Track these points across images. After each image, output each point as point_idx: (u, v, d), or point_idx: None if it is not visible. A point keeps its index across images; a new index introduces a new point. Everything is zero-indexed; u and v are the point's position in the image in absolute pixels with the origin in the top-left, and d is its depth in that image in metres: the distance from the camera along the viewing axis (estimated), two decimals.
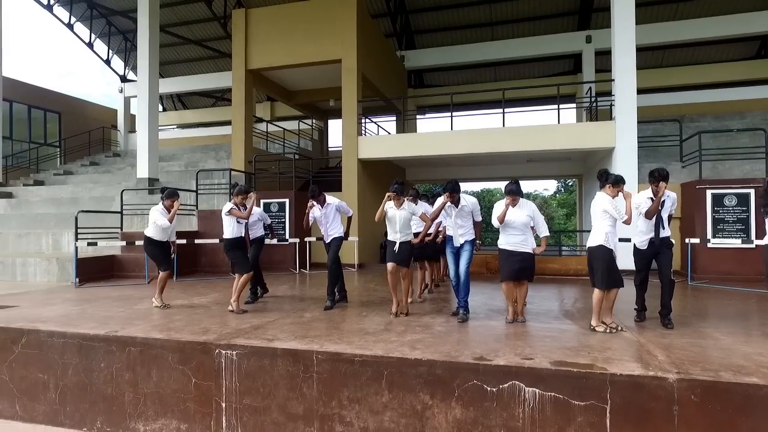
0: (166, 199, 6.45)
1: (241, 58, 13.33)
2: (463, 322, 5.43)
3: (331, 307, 6.29)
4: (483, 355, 4.10)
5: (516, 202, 5.32)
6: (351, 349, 4.32)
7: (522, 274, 5.36)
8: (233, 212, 5.99)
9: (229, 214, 5.99)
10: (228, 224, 6.04)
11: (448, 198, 5.53)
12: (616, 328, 4.90)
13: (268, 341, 4.62)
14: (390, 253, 5.73)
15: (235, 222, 6.05)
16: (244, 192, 6.05)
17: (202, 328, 5.21)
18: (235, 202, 6.04)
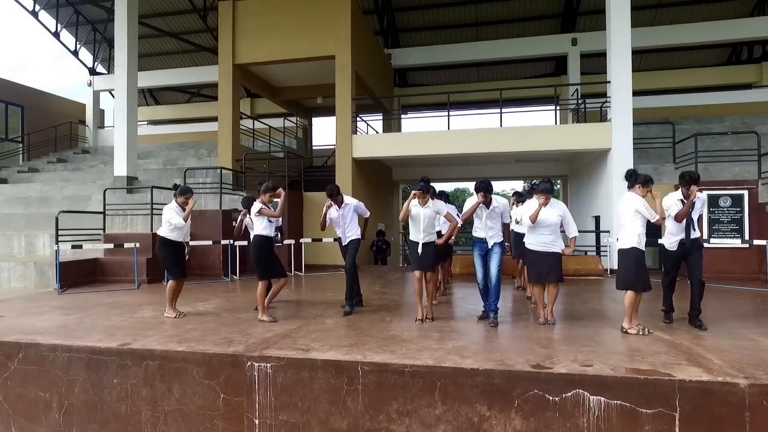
0: (180, 195, 6.00)
1: (228, 52, 12.79)
2: (495, 326, 5.26)
3: (350, 312, 6.02)
4: (539, 363, 3.93)
5: (548, 201, 5.19)
6: (398, 359, 4.07)
7: (552, 275, 5.24)
8: (264, 212, 5.59)
9: (259, 214, 5.59)
10: (259, 225, 5.65)
11: (481, 198, 5.35)
12: (644, 330, 4.84)
13: (303, 352, 4.31)
14: (414, 257, 5.48)
15: (267, 222, 5.67)
16: (272, 189, 5.68)
17: (223, 338, 4.84)
18: (262, 200, 5.64)
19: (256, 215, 5.60)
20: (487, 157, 13.37)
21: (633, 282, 4.83)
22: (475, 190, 5.42)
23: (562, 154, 13.95)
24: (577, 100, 13.81)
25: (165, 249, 6.00)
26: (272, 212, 5.61)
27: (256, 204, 5.63)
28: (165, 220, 5.95)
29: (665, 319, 5.51)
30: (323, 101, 15.71)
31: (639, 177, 5.00)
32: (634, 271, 4.81)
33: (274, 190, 5.70)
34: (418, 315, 5.45)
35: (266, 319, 5.56)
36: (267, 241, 5.68)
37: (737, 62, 18.57)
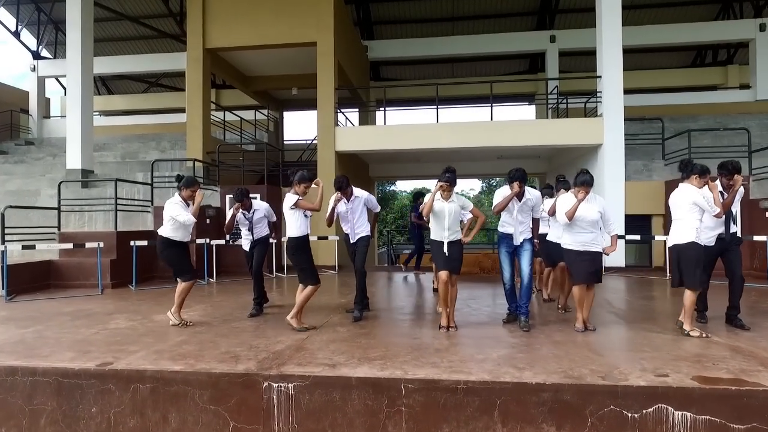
0: (185, 188, 5.14)
1: (197, 35, 11.76)
2: (527, 330, 4.77)
3: (360, 318, 5.38)
4: (607, 373, 3.45)
5: (587, 194, 4.75)
6: (446, 373, 3.48)
7: (592, 276, 4.81)
8: (301, 204, 4.81)
9: (296, 207, 4.80)
10: (294, 220, 4.86)
11: (518, 188, 4.83)
12: (706, 333, 4.49)
13: (330, 368, 3.64)
14: (440, 257, 4.85)
15: (303, 216, 4.90)
16: (308, 179, 4.90)
17: (225, 352, 4.09)
18: (297, 191, 4.86)
19: (292, 208, 4.82)
20: (470, 152, 13.00)
21: (694, 280, 4.45)
22: (510, 179, 4.90)
23: (546, 150, 13.80)
24: (557, 97, 13.70)
25: (171, 250, 5.14)
26: (311, 205, 4.84)
27: (290, 196, 4.83)
28: (168, 217, 5.07)
29: (700, 318, 5.20)
30: (299, 92, 14.87)
31: (696, 167, 4.64)
32: (694, 268, 4.44)
33: (311, 180, 4.95)
34: (443, 322, 4.86)
35: (297, 327, 4.85)
36: (307, 240, 4.93)
37: (702, 65, 19.18)
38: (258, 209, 5.87)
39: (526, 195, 4.97)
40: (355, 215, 5.58)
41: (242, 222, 5.84)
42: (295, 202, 4.77)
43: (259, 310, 5.76)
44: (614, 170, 10.49)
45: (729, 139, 12.15)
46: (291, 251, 4.87)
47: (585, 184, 4.72)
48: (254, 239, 5.88)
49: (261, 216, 5.89)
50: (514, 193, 4.85)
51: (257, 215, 5.85)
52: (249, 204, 5.79)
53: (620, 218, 10.32)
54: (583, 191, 4.70)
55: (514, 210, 4.97)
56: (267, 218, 6.00)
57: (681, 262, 4.57)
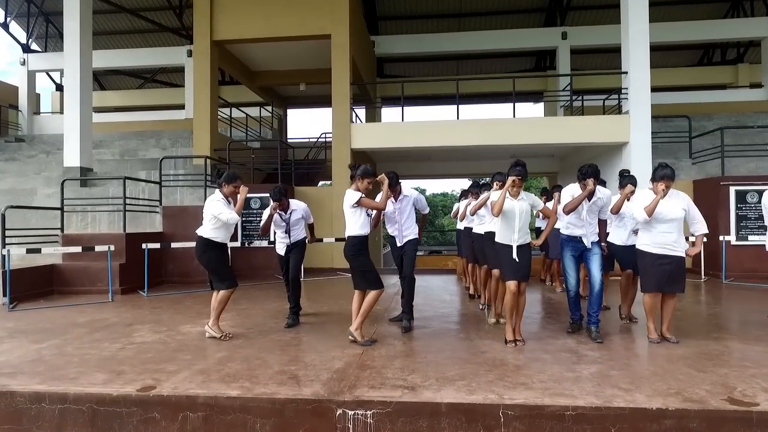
0: (227, 183, 4.64)
1: (205, 27, 11.19)
2: (600, 342, 4.35)
3: (410, 328, 4.93)
4: (731, 396, 3.04)
5: (669, 190, 4.35)
6: (548, 397, 3.04)
7: (674, 284, 4.39)
8: (364, 202, 4.31)
9: (358, 205, 4.32)
10: (356, 219, 4.38)
11: (592, 186, 4.42)
12: None
13: (410, 391, 3.18)
14: (509, 264, 4.35)
15: (365, 215, 4.42)
16: (372, 174, 4.42)
17: (280, 372, 3.60)
18: (358, 187, 4.38)
19: (353, 207, 4.33)
20: (483, 151, 12.62)
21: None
22: (582, 176, 4.48)
23: (562, 149, 13.45)
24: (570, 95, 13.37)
25: (212, 253, 4.63)
26: (375, 203, 4.35)
27: (352, 193, 4.34)
28: (210, 215, 4.57)
29: None
30: (306, 88, 14.35)
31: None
32: None
33: (374, 175, 4.47)
34: (508, 336, 4.37)
35: (361, 341, 4.35)
36: (367, 240, 4.46)
37: (709, 64, 19.04)
38: (296, 209, 5.37)
39: (597, 194, 4.56)
40: (403, 216, 5.12)
41: (278, 224, 5.33)
42: (358, 200, 4.29)
43: (295, 320, 5.27)
44: (641, 170, 10.11)
45: (750, 137, 11.91)
46: (351, 252, 4.38)
47: (666, 177, 4.31)
48: (291, 242, 5.38)
49: (299, 217, 5.39)
50: (588, 191, 4.43)
51: (295, 216, 5.35)
52: (287, 204, 5.29)
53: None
54: (663, 185, 4.30)
55: (583, 210, 4.56)
56: (305, 219, 5.50)
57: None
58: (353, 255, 4.38)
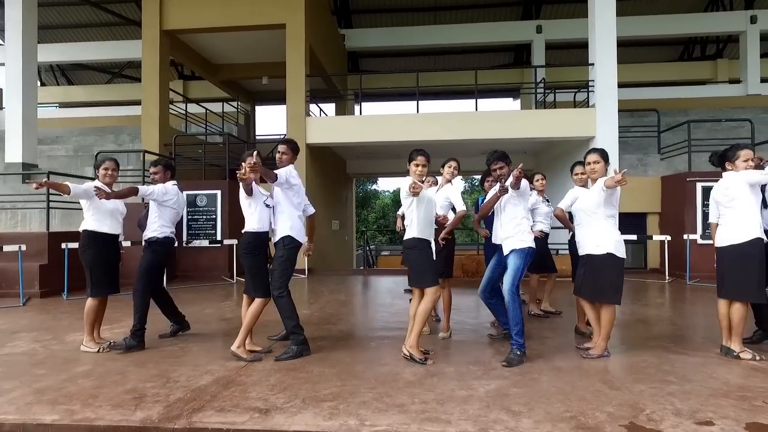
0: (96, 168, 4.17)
1: (154, 15, 10.65)
2: (505, 365, 3.69)
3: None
4: (632, 421, 2.57)
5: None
6: (417, 423, 2.56)
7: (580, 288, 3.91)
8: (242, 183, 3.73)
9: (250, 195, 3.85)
10: (251, 213, 3.94)
11: (505, 172, 3.86)
12: (759, 356, 3.64)
13: (261, 415, 2.69)
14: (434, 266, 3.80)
15: (263, 207, 3.92)
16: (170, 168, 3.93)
17: (129, 390, 3.11)
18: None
19: (246, 199, 3.86)
20: (452, 147, 12.12)
21: (756, 290, 3.58)
22: (488, 163, 4.01)
23: (534, 144, 13.00)
24: (544, 90, 12.93)
25: (90, 250, 4.14)
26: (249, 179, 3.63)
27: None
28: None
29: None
30: (269, 82, 13.83)
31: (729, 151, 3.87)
32: (758, 274, 3.57)
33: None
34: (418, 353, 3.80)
35: (246, 357, 3.75)
36: (264, 238, 3.98)
37: (689, 59, 18.66)
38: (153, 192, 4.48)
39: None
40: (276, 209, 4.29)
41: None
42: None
43: (179, 328, 4.63)
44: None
45: (725, 132, 11.51)
46: (244, 249, 3.86)
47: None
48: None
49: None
50: (501, 188, 3.87)
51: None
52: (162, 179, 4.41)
53: None
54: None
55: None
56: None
57: (734, 267, 3.65)
58: (245, 253, 3.88)
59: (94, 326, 4.18)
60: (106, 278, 4.14)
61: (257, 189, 3.87)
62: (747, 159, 3.75)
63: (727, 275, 3.71)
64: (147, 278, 4.19)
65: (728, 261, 3.71)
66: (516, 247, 3.80)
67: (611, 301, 3.70)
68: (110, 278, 4.17)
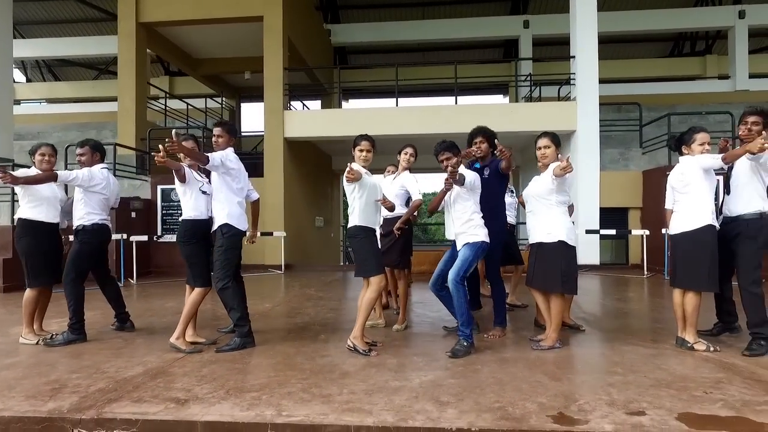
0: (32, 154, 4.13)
1: (130, 6, 10.52)
2: (450, 356, 3.59)
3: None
4: (561, 411, 2.46)
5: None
6: (334, 413, 2.45)
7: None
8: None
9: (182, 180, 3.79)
10: (186, 201, 3.88)
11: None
12: (714, 347, 3.53)
13: (177, 405, 2.58)
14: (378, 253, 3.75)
15: (198, 193, 3.83)
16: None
17: (51, 381, 2.99)
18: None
19: (181, 185, 3.80)
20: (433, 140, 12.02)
21: (709, 280, 3.46)
22: (436, 153, 3.87)
23: (519, 139, 12.86)
24: (531, 85, 12.82)
25: (25, 239, 4.07)
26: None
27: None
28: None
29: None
30: (252, 77, 13.68)
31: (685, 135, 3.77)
32: (709, 262, 3.45)
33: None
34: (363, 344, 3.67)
35: (185, 348, 3.65)
36: (201, 226, 3.91)
37: (680, 55, 18.57)
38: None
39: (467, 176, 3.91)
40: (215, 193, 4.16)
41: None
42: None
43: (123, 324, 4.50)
44: (588, 159, 9.63)
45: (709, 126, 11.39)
46: (181, 238, 3.81)
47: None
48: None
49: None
50: (449, 183, 3.64)
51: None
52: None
53: (595, 211, 9.48)
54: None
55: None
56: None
57: (687, 255, 3.53)
58: (182, 242, 3.76)
59: (33, 318, 4.05)
60: (44, 268, 4.01)
61: (192, 175, 3.75)
62: (703, 142, 3.64)
63: (679, 264, 3.60)
64: (74, 270, 3.98)
65: (680, 249, 3.60)
66: (468, 241, 3.68)
67: (562, 291, 3.59)
68: (49, 268, 4.04)
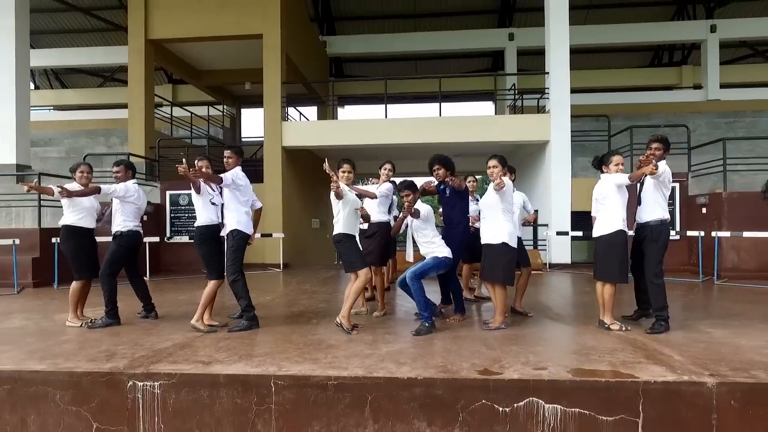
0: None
1: (139, 25, 11.39)
2: (414, 335, 4.48)
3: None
4: (487, 368, 3.36)
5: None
6: (320, 369, 3.35)
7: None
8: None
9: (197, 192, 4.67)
10: (199, 208, 4.75)
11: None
12: (625, 327, 4.42)
13: (203, 365, 3.47)
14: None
15: (209, 204, 4.72)
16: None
17: (103, 351, 3.88)
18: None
19: (196, 195, 4.66)
20: (425, 149, 12.91)
21: (620, 273, 4.36)
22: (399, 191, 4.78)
23: (502, 147, 13.78)
24: (515, 95, 13.74)
25: (71, 242, 4.99)
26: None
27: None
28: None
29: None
30: (251, 87, 14.57)
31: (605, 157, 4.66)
32: (620, 260, 4.35)
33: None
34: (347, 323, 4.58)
35: (203, 328, 4.56)
36: (213, 230, 4.81)
37: (659, 65, 19.53)
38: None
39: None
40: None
41: None
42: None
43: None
44: (561, 167, 10.54)
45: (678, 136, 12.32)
46: (196, 240, 4.70)
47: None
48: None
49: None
50: (408, 212, 4.59)
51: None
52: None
53: (566, 215, 10.38)
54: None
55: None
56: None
57: (605, 253, 4.45)
58: (197, 243, 4.65)
59: (78, 305, 4.93)
60: (86, 265, 4.89)
61: (205, 188, 4.62)
62: (617, 163, 4.54)
63: (598, 261, 4.51)
64: (110, 267, 4.87)
65: (599, 249, 4.50)
66: (436, 255, 4.60)
67: (503, 283, 4.50)
68: (90, 265, 4.92)
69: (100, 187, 4.81)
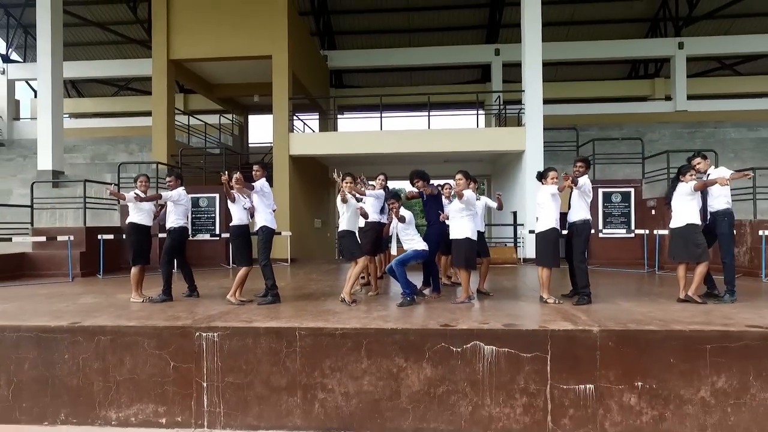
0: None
1: (162, 47, 12.80)
2: (400, 306, 5.97)
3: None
4: (447, 323, 4.79)
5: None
6: (330, 324, 4.78)
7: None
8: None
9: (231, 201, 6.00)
10: (234, 211, 6.04)
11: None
12: (558, 300, 5.86)
13: (246, 322, 4.89)
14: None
15: (242, 208, 6.05)
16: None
17: (170, 316, 5.29)
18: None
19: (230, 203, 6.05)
20: (417, 156, 14.38)
21: (551, 259, 5.81)
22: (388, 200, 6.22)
23: (485, 155, 15.26)
24: (500, 106, 15.19)
25: (132, 236, 6.41)
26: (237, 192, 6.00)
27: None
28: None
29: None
30: (260, 99, 15.99)
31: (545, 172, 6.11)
32: (552, 250, 5.79)
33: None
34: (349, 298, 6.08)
35: (234, 301, 5.97)
36: (244, 229, 6.10)
37: (636, 77, 21.04)
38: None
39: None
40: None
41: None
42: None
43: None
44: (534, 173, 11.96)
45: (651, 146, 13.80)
46: (231, 235, 6.11)
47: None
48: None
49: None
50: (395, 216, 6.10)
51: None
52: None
53: None
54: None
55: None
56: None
57: (543, 245, 5.90)
58: (232, 239, 6.09)
59: (138, 285, 6.34)
60: (142, 254, 6.31)
61: (238, 196, 6.05)
62: (553, 177, 5.99)
63: (537, 251, 5.95)
64: (167, 256, 6.34)
65: (537, 242, 5.95)
66: (415, 248, 6.05)
67: (466, 267, 5.94)
68: (145, 254, 6.35)
69: (161, 194, 6.24)
